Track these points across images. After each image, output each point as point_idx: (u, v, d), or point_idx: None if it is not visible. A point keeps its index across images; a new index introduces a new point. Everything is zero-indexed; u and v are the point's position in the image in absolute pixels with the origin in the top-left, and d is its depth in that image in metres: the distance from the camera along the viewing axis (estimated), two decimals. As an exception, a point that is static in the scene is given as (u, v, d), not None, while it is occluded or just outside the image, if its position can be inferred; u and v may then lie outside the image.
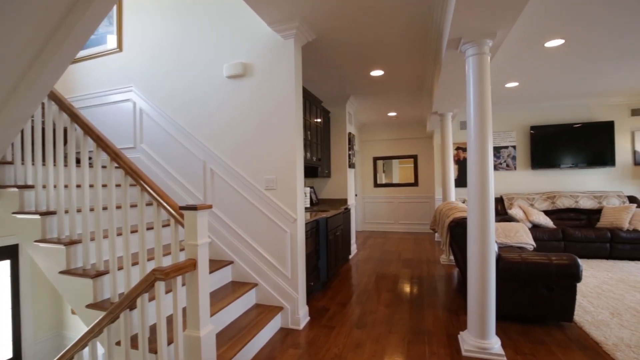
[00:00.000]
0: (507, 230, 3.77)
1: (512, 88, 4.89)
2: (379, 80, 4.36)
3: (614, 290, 3.44)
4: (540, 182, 6.04)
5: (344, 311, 3.12)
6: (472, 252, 2.27)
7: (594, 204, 5.34)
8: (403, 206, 8.07)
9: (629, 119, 5.67)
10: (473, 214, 2.23)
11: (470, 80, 2.26)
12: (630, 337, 2.43)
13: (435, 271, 4.44)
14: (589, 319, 2.75)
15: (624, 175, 5.68)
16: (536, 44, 3.29)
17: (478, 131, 2.20)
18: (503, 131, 6.20)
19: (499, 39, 2.34)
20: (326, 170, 5.17)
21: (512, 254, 2.69)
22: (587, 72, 4.24)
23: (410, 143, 8.04)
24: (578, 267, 2.49)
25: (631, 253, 4.63)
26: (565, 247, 4.87)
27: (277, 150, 2.86)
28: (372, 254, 5.59)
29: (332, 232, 4.01)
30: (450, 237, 3.02)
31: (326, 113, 5.24)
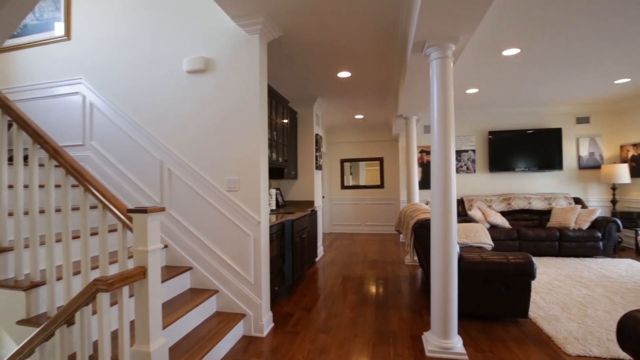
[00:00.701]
0: (468, 230, 3.90)
1: (473, 94, 5.10)
2: (346, 82, 4.36)
3: (563, 286, 3.67)
4: (498, 184, 6.36)
5: (309, 316, 3.05)
6: (435, 253, 2.30)
7: (544, 205, 5.70)
8: (369, 208, 8.17)
9: (574, 126, 6.13)
10: (436, 216, 2.26)
11: (434, 83, 2.29)
12: (577, 330, 2.58)
13: (400, 272, 4.50)
14: (542, 315, 2.89)
15: (570, 178, 6.12)
16: (495, 52, 3.43)
17: (441, 133, 2.23)
18: (464, 135, 6.46)
19: (461, 44, 2.40)
20: (293, 172, 5.09)
21: (472, 254, 2.76)
22: (539, 81, 4.51)
23: (377, 146, 8.17)
24: (533, 265, 2.61)
25: (576, 250, 4.99)
26: (520, 246, 5.14)
27: (240, 150, 2.74)
28: (339, 256, 5.58)
29: (298, 235, 3.93)
30: (415, 238, 3.06)
31: (293, 114, 5.16)
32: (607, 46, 3.39)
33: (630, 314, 1.58)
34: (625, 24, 2.92)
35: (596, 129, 6.07)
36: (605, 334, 2.52)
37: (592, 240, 4.94)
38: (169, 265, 2.86)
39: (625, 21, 2.87)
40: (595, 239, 4.93)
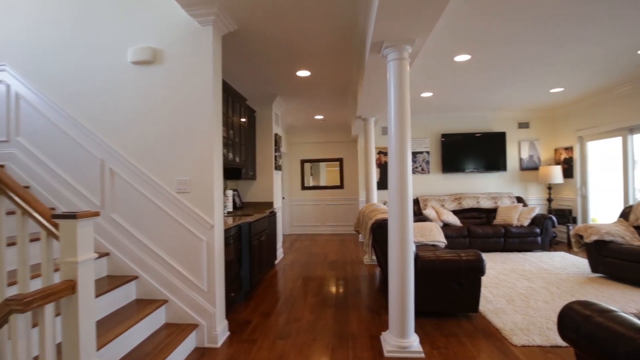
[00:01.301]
0: (423, 229, 4.02)
1: (427, 98, 5.30)
2: (306, 81, 4.31)
3: (508, 279, 3.92)
4: (450, 184, 6.68)
5: (267, 322, 2.95)
6: (392, 253, 2.31)
7: (491, 203, 6.08)
8: (330, 208, 8.20)
9: (516, 130, 6.63)
10: (393, 216, 2.27)
11: (392, 84, 2.31)
12: (522, 321, 2.75)
13: (360, 272, 4.54)
14: (491, 308, 3.05)
15: (513, 179, 6.60)
16: (447, 57, 3.58)
17: (398, 134, 2.25)
18: (419, 137, 6.71)
19: (417, 46, 2.45)
20: (251, 172, 4.93)
21: (428, 253, 2.84)
22: (487, 87, 4.80)
23: (337, 146, 8.23)
24: (483, 262, 2.74)
25: (519, 246, 5.38)
26: (470, 242, 5.43)
27: (191, 148, 2.56)
28: (299, 258, 5.50)
29: (256, 238, 3.80)
30: (373, 238, 3.08)
31: (251, 112, 5.00)
32: (545, 58, 3.68)
33: (569, 305, 1.69)
34: (559, 40, 3.19)
35: (535, 133, 6.61)
36: (545, 323, 2.71)
37: (532, 236, 5.35)
38: (112, 275, 2.60)
39: (559, 38, 3.13)
40: (534, 234, 5.35)
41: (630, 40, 3.27)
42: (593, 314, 1.58)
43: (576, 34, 3.07)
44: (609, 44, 3.33)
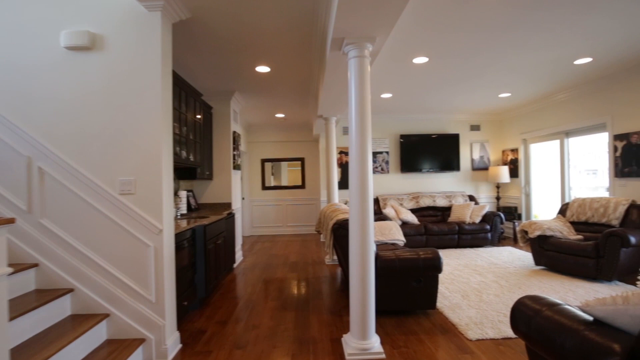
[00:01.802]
0: (383, 228, 4.06)
1: (387, 99, 5.39)
2: (265, 77, 4.17)
3: (462, 275, 4.08)
4: (408, 184, 6.87)
5: (224, 330, 2.78)
6: (353, 254, 2.27)
7: (446, 202, 6.35)
8: (291, 209, 8.08)
9: (469, 133, 6.98)
10: (354, 216, 2.23)
11: (352, 82, 2.27)
12: (476, 316, 2.85)
13: (321, 272, 4.49)
14: (447, 304, 3.14)
15: (465, 178, 6.95)
16: (407, 59, 3.63)
17: (359, 132, 2.22)
18: (379, 138, 6.82)
19: (378, 45, 2.43)
20: (207, 172, 4.68)
21: (388, 253, 2.85)
22: (443, 90, 4.97)
23: (298, 146, 8.13)
24: (440, 259, 2.80)
25: (472, 242, 5.66)
26: (427, 240, 5.61)
27: (136, 145, 2.33)
28: (259, 260, 5.34)
29: (213, 241, 3.59)
30: (334, 239, 3.03)
31: (208, 108, 4.75)
32: (494, 65, 3.88)
33: (520, 300, 1.75)
34: (506, 48, 3.38)
35: (485, 135, 7.02)
36: (497, 316, 2.83)
37: (483, 232, 5.66)
38: (42, 289, 2.29)
39: (506, 46, 3.31)
40: (485, 231, 5.66)
41: (567, 51, 3.54)
42: (542, 308, 1.65)
43: (521, 43, 3.26)
44: (549, 53, 3.59)
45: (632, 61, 3.91)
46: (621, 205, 4.02)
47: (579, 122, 5.03)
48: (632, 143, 4.22)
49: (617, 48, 3.50)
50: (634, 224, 3.86)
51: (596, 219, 4.20)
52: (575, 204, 4.52)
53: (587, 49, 3.52)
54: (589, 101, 4.86)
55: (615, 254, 3.52)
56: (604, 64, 3.98)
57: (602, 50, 3.54)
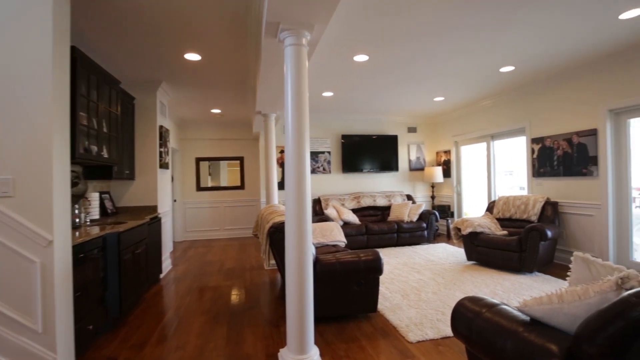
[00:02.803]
0: (324, 230, 3.92)
1: (328, 97, 5.29)
2: (196, 66, 3.76)
3: (402, 273, 4.12)
4: (350, 184, 6.88)
5: (141, 355, 2.37)
6: (290, 259, 2.06)
7: (386, 201, 6.47)
8: (229, 211, 7.61)
9: (406, 134, 7.23)
10: (291, 219, 2.02)
11: (289, 72, 2.06)
12: (416, 316, 2.83)
13: (260, 279, 4.20)
14: (388, 305, 3.09)
15: (403, 178, 7.18)
16: (347, 56, 3.53)
17: (296, 126, 2.02)
18: (321, 137, 6.72)
19: (316, 34, 2.26)
20: (127, 171, 4.09)
21: (328, 256, 2.69)
22: (383, 91, 5.01)
23: (237, 144, 7.70)
24: (380, 261, 2.72)
25: (410, 240, 5.82)
26: (368, 239, 5.64)
27: (15, 136, 1.85)
28: (191, 268, 4.85)
29: (130, 250, 3.11)
30: (270, 243, 2.79)
31: (129, 99, 4.17)
32: (429, 69, 3.98)
33: (460, 302, 1.70)
34: (438, 53, 3.47)
35: (421, 137, 7.33)
36: (435, 314, 2.84)
37: (420, 230, 5.85)
38: None
39: (438, 51, 3.39)
40: (422, 228, 5.86)
41: (493, 59, 3.75)
42: (482, 309, 1.61)
43: (451, 49, 3.36)
44: (478, 60, 3.77)
45: (547, 72, 4.30)
46: (538, 202, 4.40)
47: (503, 126, 5.45)
48: (546, 146, 4.66)
49: (535, 59, 3.80)
50: (549, 219, 4.25)
51: (518, 215, 4.55)
52: (500, 202, 4.87)
53: (510, 58, 3.77)
54: (512, 107, 5.28)
55: (535, 247, 3.81)
56: (524, 73, 4.32)
57: (522, 60, 3.82)
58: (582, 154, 4.18)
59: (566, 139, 4.37)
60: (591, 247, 4.12)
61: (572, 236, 4.36)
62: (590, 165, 4.07)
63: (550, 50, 3.57)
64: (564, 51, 3.61)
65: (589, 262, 1.47)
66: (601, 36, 3.24)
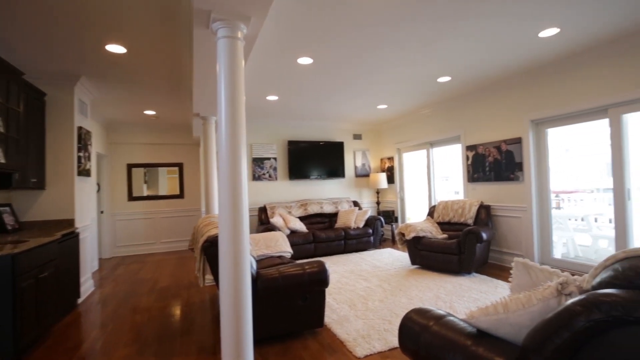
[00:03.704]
0: (268, 240, 3.71)
1: (273, 102, 5.10)
2: (122, 60, 3.34)
3: (349, 282, 4.04)
4: (297, 191, 6.73)
5: (37, 405, 1.93)
6: (224, 278, 1.83)
7: (332, 208, 6.42)
8: (166, 222, 6.98)
9: (352, 141, 7.31)
10: (225, 233, 1.80)
11: (222, 67, 1.85)
12: (363, 327, 2.74)
13: (198, 297, 3.83)
14: (335, 318, 2.96)
15: (350, 185, 7.23)
16: (291, 58, 3.40)
17: (230, 126, 1.81)
18: (266, 143, 6.49)
19: (254, 28, 2.08)
20: (34, 179, 3.48)
21: (270, 270, 2.49)
22: (328, 97, 4.97)
23: (176, 150, 7.13)
24: (326, 272, 2.59)
25: (357, 246, 5.82)
26: (315, 248, 5.51)
27: None
28: (118, 289, 4.28)
29: (32, 275, 2.59)
30: (205, 259, 2.51)
31: (37, 94, 3.56)
32: (370, 76, 4.02)
33: (407, 316, 1.62)
34: (378, 62, 3.51)
35: (366, 144, 7.46)
36: (382, 324, 2.78)
37: (366, 236, 5.88)
38: None
39: (378, 60, 3.44)
40: (368, 234, 5.90)
41: (431, 69, 3.89)
42: (429, 322, 1.54)
43: (391, 59, 3.41)
44: (418, 70, 3.88)
45: (480, 84, 4.60)
46: (474, 206, 4.65)
47: (441, 134, 5.73)
48: (479, 153, 4.98)
49: (469, 71, 4.02)
50: (483, 221, 4.51)
51: (457, 219, 4.77)
52: (440, 206, 5.07)
53: (447, 69, 3.95)
54: (448, 116, 5.58)
55: (472, 250, 3.99)
56: (459, 84, 4.57)
57: (458, 71, 4.03)
58: (509, 161, 4.51)
59: (496, 146, 4.70)
60: (519, 246, 4.45)
61: (503, 237, 4.67)
62: (517, 171, 4.41)
63: (482, 63, 3.80)
64: (494, 65, 3.87)
65: (528, 267, 1.48)
66: (525, 52, 3.52)
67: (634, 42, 3.20)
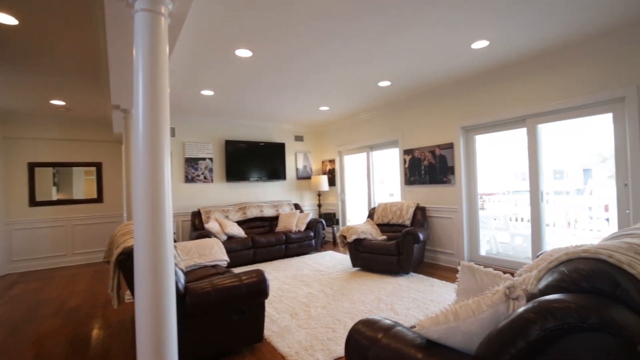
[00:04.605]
0: (202, 248, 3.36)
1: (209, 97, 4.71)
2: (13, 34, 2.74)
3: (291, 288, 3.86)
4: (235, 194, 6.35)
5: None
6: (141, 298, 1.52)
7: (273, 211, 6.19)
8: (80, 230, 6.06)
9: (294, 143, 7.15)
10: (141, 243, 1.49)
11: (140, 47, 1.55)
12: (305, 338, 2.58)
13: (115, 317, 3.31)
14: (276, 330, 2.75)
15: (291, 187, 7.06)
16: (228, 49, 3.13)
17: (149, 120, 1.51)
18: (201, 142, 6.01)
19: (181, 4, 1.79)
20: None
21: (202, 284, 2.19)
22: (269, 95, 4.74)
23: (93, 147, 6.24)
24: (266, 282, 2.38)
25: (298, 250, 5.66)
26: (255, 254, 5.22)
27: None
28: (12, 314, 3.53)
29: None
30: (122, 275, 2.12)
31: None
32: (314, 76, 3.91)
33: (355, 328, 1.50)
34: (324, 60, 3.42)
35: (308, 146, 7.37)
36: (326, 333, 2.65)
37: (308, 240, 5.76)
38: None
39: (324, 58, 3.35)
40: (310, 238, 5.78)
41: (371, 73, 3.92)
42: (378, 334, 1.44)
43: (335, 57, 3.35)
44: (359, 72, 3.88)
45: (417, 90, 4.78)
46: (411, 208, 4.81)
47: (380, 138, 5.87)
48: (416, 157, 5.18)
49: (407, 77, 4.14)
50: (419, 222, 4.68)
51: (395, 220, 4.89)
52: (380, 208, 5.16)
53: (387, 74, 4.01)
54: (388, 121, 5.73)
55: (410, 250, 4.09)
56: (398, 89, 4.70)
57: (397, 76, 4.12)
58: (443, 165, 4.76)
59: (431, 151, 4.93)
60: (451, 245, 4.71)
61: (437, 237, 4.91)
62: (449, 174, 4.67)
63: (420, 70, 3.93)
64: (430, 73, 4.04)
65: (473, 270, 1.45)
66: (459, 62, 3.71)
67: (546, 61, 3.57)
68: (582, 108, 3.41)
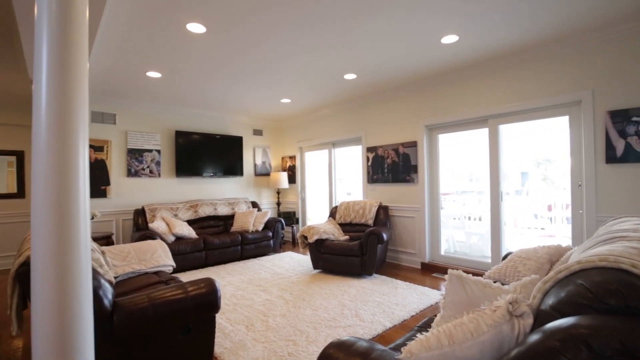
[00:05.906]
0: (142, 252, 2.90)
1: (155, 79, 4.18)
2: None
3: (246, 295, 3.51)
4: (185, 190, 5.79)
5: None
6: (41, 323, 1.13)
7: (229, 210, 5.74)
8: (-6, 230, 5.14)
9: (252, 137, 6.74)
10: (42, 248, 1.10)
11: None
12: (263, 354, 2.28)
13: (19, 343, 2.73)
14: (229, 346, 2.41)
15: (248, 184, 6.64)
16: (178, 21, 2.70)
17: (55, 93, 1.12)
18: (147, 132, 5.38)
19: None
20: None
21: (137, 298, 1.80)
22: (224, 79, 4.32)
23: (12, 132, 5.32)
24: (216, 293, 2.03)
25: (255, 251, 5.30)
26: (207, 256, 4.77)
27: None
28: None
29: None
30: (23, 291, 1.65)
31: None
32: (275, 63, 3.59)
33: (326, 353, 1.24)
34: (286, 44, 3.12)
35: (267, 141, 6.99)
36: (286, 347, 2.37)
37: (266, 240, 5.42)
38: None
39: (285, 41, 3.04)
40: (268, 238, 5.44)
41: (339, 63, 3.70)
42: (355, 361, 1.20)
43: (298, 43, 3.07)
44: (323, 62, 3.63)
45: (382, 85, 4.65)
46: (374, 207, 4.68)
47: (343, 134, 5.69)
48: (379, 155, 5.07)
49: (373, 70, 3.98)
50: (382, 222, 4.56)
51: (357, 219, 4.73)
52: (342, 207, 4.97)
53: (353, 66, 3.81)
54: (351, 117, 5.56)
55: (374, 251, 3.94)
56: (364, 83, 4.53)
57: (363, 69, 3.93)
58: (406, 163, 4.69)
59: (394, 149, 4.84)
60: (413, 245, 4.65)
61: (399, 236, 4.83)
62: (412, 173, 4.60)
63: (387, 64, 3.78)
64: (398, 68, 3.90)
65: (463, 280, 1.26)
66: (427, 57, 3.61)
67: (510, 61, 3.60)
68: (541, 110, 3.47)
